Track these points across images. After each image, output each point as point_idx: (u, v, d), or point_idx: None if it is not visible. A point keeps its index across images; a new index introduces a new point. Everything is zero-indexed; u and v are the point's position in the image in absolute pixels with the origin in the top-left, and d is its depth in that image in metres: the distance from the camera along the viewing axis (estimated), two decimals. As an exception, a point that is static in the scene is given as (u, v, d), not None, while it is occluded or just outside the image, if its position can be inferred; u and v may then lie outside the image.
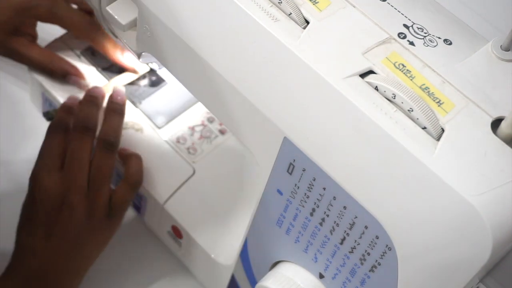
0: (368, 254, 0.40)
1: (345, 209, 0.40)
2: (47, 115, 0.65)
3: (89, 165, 0.56)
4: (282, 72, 0.40)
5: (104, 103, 0.62)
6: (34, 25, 0.64)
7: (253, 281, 0.53)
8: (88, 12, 0.65)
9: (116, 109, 0.61)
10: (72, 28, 0.64)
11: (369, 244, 0.40)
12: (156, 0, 0.46)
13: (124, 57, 0.65)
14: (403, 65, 0.39)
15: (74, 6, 0.65)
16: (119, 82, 0.66)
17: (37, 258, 0.54)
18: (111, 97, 0.62)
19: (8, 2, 0.61)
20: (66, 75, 0.65)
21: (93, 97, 0.61)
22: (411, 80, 0.38)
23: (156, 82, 0.67)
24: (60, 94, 0.65)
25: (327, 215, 0.41)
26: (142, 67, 0.66)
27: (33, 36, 0.65)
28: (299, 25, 0.40)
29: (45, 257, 0.54)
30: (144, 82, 0.67)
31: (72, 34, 0.66)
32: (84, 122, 0.58)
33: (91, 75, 0.66)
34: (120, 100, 0.62)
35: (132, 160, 0.60)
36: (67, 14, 0.63)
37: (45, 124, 0.69)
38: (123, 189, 0.58)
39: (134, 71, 0.66)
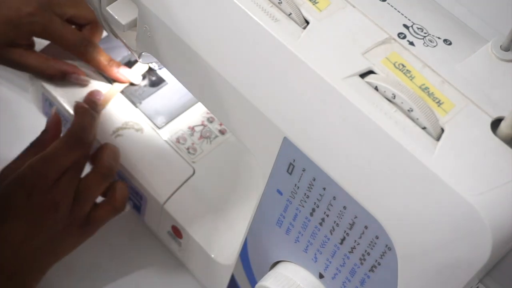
0: (368, 254, 0.40)
1: (345, 209, 0.40)
2: None
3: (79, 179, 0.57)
4: (282, 72, 0.40)
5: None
6: (31, 37, 0.65)
7: (253, 281, 0.53)
8: (81, 26, 0.65)
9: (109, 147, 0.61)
10: (64, 46, 0.64)
11: (369, 244, 0.40)
12: (156, 0, 0.46)
13: (118, 72, 0.65)
14: (403, 65, 0.39)
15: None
16: (121, 86, 0.66)
17: (12, 250, 0.54)
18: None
19: (2, 18, 0.61)
20: (66, 76, 0.65)
21: (92, 104, 0.62)
22: (411, 80, 0.38)
23: (156, 82, 0.67)
24: (60, 94, 0.65)
25: (327, 215, 0.41)
26: (137, 79, 0.66)
27: (30, 45, 0.65)
28: (299, 25, 0.40)
29: (20, 251, 0.54)
30: (144, 82, 0.67)
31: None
32: (77, 134, 0.58)
33: (91, 72, 0.66)
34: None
35: (118, 186, 0.60)
36: (61, 32, 0.63)
37: (44, 124, 0.69)
38: (106, 210, 0.59)
39: (131, 84, 0.66)
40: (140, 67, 0.67)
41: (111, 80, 0.66)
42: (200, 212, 0.60)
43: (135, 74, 0.66)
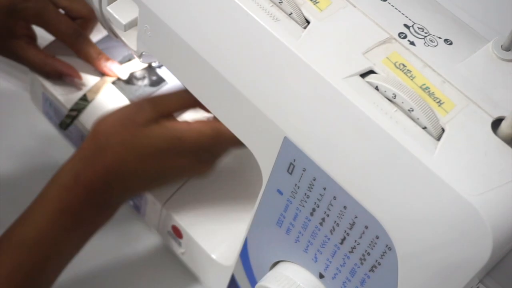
0: (368, 254, 0.40)
1: (345, 209, 0.40)
2: (62, 125, 0.65)
3: None
4: (282, 72, 0.40)
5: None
6: (29, 26, 0.65)
7: (253, 281, 0.53)
8: (74, 18, 0.65)
9: None
10: (56, 34, 0.65)
11: (369, 244, 0.40)
12: (157, -1, 0.46)
13: (106, 66, 0.65)
14: (403, 65, 0.39)
15: (62, 11, 0.65)
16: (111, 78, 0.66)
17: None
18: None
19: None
20: (62, 76, 0.65)
21: None
22: (411, 80, 0.38)
23: (156, 82, 0.67)
24: (60, 94, 0.65)
25: (327, 215, 0.41)
26: (124, 74, 0.66)
27: (31, 37, 0.65)
28: (299, 25, 0.40)
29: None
30: (145, 82, 0.67)
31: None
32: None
33: (92, 72, 0.66)
34: None
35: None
36: (54, 20, 0.63)
37: (44, 124, 0.69)
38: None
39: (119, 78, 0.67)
40: (132, 65, 0.67)
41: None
42: (200, 212, 0.60)
43: (123, 69, 0.66)
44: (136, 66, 0.67)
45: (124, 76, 0.66)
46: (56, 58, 0.65)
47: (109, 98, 0.65)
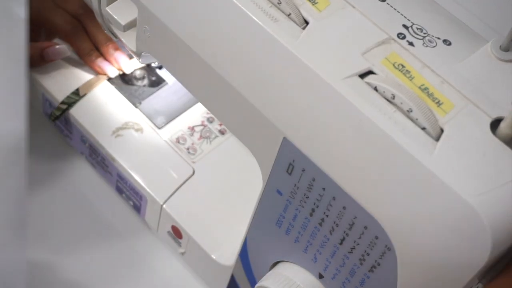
0: (368, 254, 0.40)
1: (345, 209, 0.40)
2: (51, 116, 0.65)
3: None
4: (281, 73, 0.40)
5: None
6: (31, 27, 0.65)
7: (253, 281, 0.53)
8: (74, 15, 0.65)
9: None
10: (53, 29, 0.65)
11: (369, 245, 0.40)
12: (156, 0, 0.46)
13: (95, 63, 0.65)
14: (402, 65, 0.39)
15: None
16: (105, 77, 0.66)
17: None
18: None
19: None
20: (45, 54, 0.64)
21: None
22: (410, 80, 0.38)
23: (156, 82, 0.67)
24: (60, 91, 0.65)
25: (327, 215, 0.41)
26: (113, 73, 0.66)
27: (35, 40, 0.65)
28: (298, 25, 0.40)
29: None
30: (144, 82, 0.67)
31: None
32: None
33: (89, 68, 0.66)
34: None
35: None
36: (51, 14, 0.63)
37: (44, 125, 0.69)
38: None
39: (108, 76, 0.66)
40: (131, 65, 0.67)
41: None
42: (200, 212, 0.60)
43: (113, 69, 0.66)
44: (133, 66, 0.67)
45: (113, 75, 0.66)
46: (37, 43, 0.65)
47: (103, 95, 0.65)
